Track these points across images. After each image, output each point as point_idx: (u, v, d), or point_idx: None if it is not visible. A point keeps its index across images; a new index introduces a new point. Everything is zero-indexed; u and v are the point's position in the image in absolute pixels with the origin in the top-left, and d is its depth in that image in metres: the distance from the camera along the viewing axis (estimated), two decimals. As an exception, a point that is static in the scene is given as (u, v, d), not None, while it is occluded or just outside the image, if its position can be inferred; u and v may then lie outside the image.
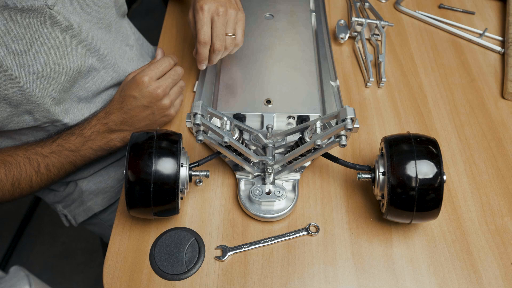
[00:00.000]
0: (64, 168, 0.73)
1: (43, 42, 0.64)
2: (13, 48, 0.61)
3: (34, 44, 0.64)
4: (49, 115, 0.70)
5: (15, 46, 0.62)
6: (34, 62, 0.64)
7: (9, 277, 0.40)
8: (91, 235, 1.54)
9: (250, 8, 0.89)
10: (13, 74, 0.62)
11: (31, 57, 0.64)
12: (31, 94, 0.66)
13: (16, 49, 0.62)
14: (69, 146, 0.70)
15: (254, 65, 0.79)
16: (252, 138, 0.69)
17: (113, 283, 0.60)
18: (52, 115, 0.70)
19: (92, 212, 0.87)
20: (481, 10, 0.98)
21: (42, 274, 1.49)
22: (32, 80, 0.65)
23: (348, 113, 0.56)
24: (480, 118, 0.78)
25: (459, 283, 0.60)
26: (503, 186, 0.70)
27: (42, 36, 0.64)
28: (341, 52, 0.89)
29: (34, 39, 0.63)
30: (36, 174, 0.70)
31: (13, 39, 0.61)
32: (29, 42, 0.63)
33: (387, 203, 0.58)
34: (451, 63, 0.88)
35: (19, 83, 0.64)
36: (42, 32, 0.64)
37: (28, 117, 0.69)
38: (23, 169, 0.69)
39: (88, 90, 0.75)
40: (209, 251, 0.62)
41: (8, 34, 0.61)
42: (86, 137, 0.71)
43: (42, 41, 0.64)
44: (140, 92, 0.69)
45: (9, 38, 0.61)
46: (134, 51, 0.84)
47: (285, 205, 0.65)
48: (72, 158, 0.72)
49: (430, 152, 0.57)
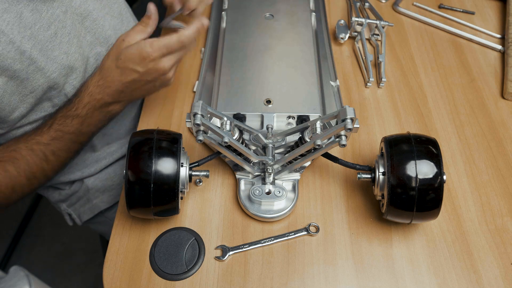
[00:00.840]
0: (72, 149, 0.71)
1: (66, 32, 0.66)
2: (39, 39, 0.63)
3: (58, 35, 0.65)
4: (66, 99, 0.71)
5: (41, 37, 0.63)
6: (59, 53, 0.66)
7: (9, 277, 0.40)
8: (91, 235, 1.54)
9: (250, 8, 0.89)
10: (41, 65, 0.63)
11: (56, 47, 0.65)
12: (55, 83, 0.67)
13: (42, 40, 0.63)
14: (69, 130, 0.68)
15: (254, 65, 0.79)
16: (252, 138, 0.69)
17: (113, 283, 0.59)
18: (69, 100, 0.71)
19: (98, 210, 0.88)
20: (481, 10, 0.98)
21: (42, 274, 1.49)
22: (58, 70, 0.66)
23: (348, 113, 0.56)
24: (480, 118, 0.78)
25: (459, 283, 0.60)
26: (503, 186, 0.70)
27: (66, 27, 0.65)
28: (341, 52, 0.89)
29: (59, 29, 0.65)
30: (46, 162, 0.68)
31: (39, 30, 0.62)
32: (54, 33, 0.64)
33: (387, 203, 0.58)
34: (451, 63, 0.88)
35: (46, 74, 0.65)
36: (65, 23, 0.65)
37: (47, 103, 0.70)
38: (32, 162, 0.67)
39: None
40: (209, 251, 0.62)
41: (34, 26, 0.62)
42: (83, 116, 0.68)
43: (66, 31, 0.66)
44: (145, 67, 0.64)
45: (36, 29, 0.62)
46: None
47: (285, 205, 0.65)
48: (75, 138, 0.70)
49: (430, 152, 0.57)
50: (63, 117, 0.68)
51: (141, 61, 0.64)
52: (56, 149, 0.69)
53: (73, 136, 0.69)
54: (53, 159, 0.69)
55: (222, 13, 0.90)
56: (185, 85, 0.83)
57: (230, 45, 0.83)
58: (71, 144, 0.69)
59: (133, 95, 0.69)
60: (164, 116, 0.78)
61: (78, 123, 0.68)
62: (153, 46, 0.64)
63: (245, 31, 0.85)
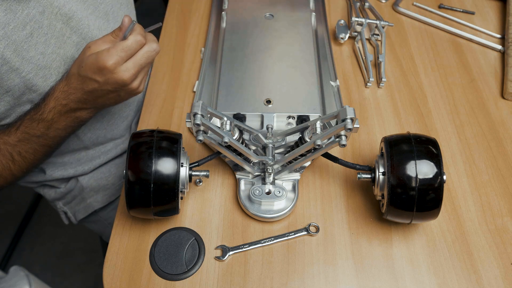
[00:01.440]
0: (40, 151, 0.70)
1: (43, 32, 0.65)
2: (13, 40, 0.61)
3: (34, 35, 0.64)
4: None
5: (16, 38, 0.62)
6: (35, 53, 0.64)
7: (9, 277, 0.40)
8: (91, 235, 1.54)
9: (250, 8, 0.89)
10: (15, 65, 0.63)
11: (32, 48, 0.64)
12: (33, 84, 0.66)
13: (17, 40, 0.62)
14: (35, 133, 0.67)
15: (254, 65, 0.79)
16: (252, 138, 0.69)
17: (113, 283, 0.59)
18: None
19: (92, 209, 0.87)
20: (481, 10, 0.98)
21: (42, 274, 1.49)
22: (34, 71, 0.65)
23: (348, 113, 0.56)
24: (480, 118, 0.78)
25: (459, 283, 0.60)
26: (503, 186, 0.70)
27: (42, 27, 0.64)
28: (341, 52, 0.89)
29: (35, 30, 0.63)
30: (13, 162, 0.68)
31: (13, 30, 0.61)
32: (30, 33, 0.63)
33: (387, 203, 0.58)
34: (451, 63, 0.88)
35: (21, 74, 0.64)
36: (42, 23, 0.64)
37: (30, 106, 0.69)
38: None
39: None
40: (209, 251, 0.62)
41: (8, 26, 0.61)
42: (49, 121, 0.66)
43: (42, 32, 0.64)
44: (103, 77, 0.61)
45: (9, 29, 0.61)
46: None
47: (285, 205, 0.65)
48: (43, 141, 0.69)
49: (430, 152, 0.57)
50: (30, 119, 0.67)
51: (99, 71, 0.61)
52: (23, 150, 0.68)
53: (41, 140, 0.68)
54: (20, 160, 0.69)
55: (222, 13, 0.90)
56: (185, 85, 0.83)
57: (230, 45, 0.83)
58: (38, 147, 0.69)
59: (98, 102, 0.67)
60: (164, 116, 0.78)
61: (44, 127, 0.67)
62: (110, 52, 0.60)
63: (245, 31, 0.85)
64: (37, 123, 0.66)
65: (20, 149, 0.68)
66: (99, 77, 0.61)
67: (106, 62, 0.60)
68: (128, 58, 0.62)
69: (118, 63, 0.61)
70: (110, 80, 0.61)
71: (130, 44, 0.61)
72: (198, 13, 0.97)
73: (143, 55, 0.62)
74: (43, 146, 0.69)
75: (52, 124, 0.67)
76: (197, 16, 0.96)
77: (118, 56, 0.60)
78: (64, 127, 0.68)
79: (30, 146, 0.68)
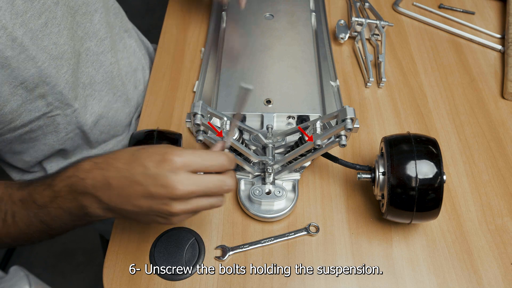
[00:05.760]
0: (35, 226, 0.54)
1: (56, 23, 0.65)
2: (30, 27, 0.62)
3: (49, 25, 0.64)
4: (62, 98, 0.69)
5: (32, 26, 0.62)
6: (49, 43, 0.65)
7: (9, 277, 0.40)
8: (91, 235, 1.54)
9: (250, 8, 0.89)
10: (32, 53, 0.63)
11: (46, 37, 0.64)
12: (47, 75, 0.66)
13: (33, 28, 0.62)
14: (37, 198, 0.53)
15: (254, 65, 0.79)
16: (252, 138, 0.69)
17: (113, 283, 0.60)
18: (65, 98, 0.70)
19: None
20: (481, 10, 0.98)
21: (42, 274, 1.49)
22: (48, 61, 0.65)
23: (348, 113, 0.56)
24: (480, 118, 0.78)
25: (459, 283, 0.60)
26: (503, 186, 0.70)
27: (56, 17, 0.65)
28: (341, 52, 0.89)
29: (49, 19, 0.64)
30: (3, 222, 0.55)
31: (30, 18, 0.62)
32: (44, 23, 0.64)
33: (387, 203, 0.58)
34: (451, 63, 0.88)
35: (37, 63, 0.64)
36: (56, 13, 0.65)
37: (41, 102, 0.69)
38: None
39: (89, 75, 0.74)
40: (209, 251, 0.62)
41: (26, 14, 0.61)
42: (56, 192, 0.52)
43: (56, 22, 0.65)
44: (156, 169, 0.47)
45: (27, 17, 0.61)
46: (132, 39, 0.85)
47: (285, 205, 0.65)
48: (41, 215, 0.53)
49: (430, 152, 0.57)
50: (42, 182, 0.54)
51: (158, 161, 0.48)
52: (18, 215, 0.54)
53: (39, 211, 0.53)
54: (11, 223, 0.55)
55: (222, 13, 0.90)
56: (185, 85, 0.83)
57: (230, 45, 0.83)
58: (34, 218, 0.54)
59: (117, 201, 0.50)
60: (164, 116, 0.78)
61: (48, 196, 0.53)
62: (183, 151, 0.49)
63: (245, 31, 0.85)
64: (44, 187, 0.53)
65: (16, 211, 0.54)
66: (153, 166, 0.48)
67: (174, 156, 0.48)
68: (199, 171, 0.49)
69: (186, 165, 0.48)
70: (160, 176, 0.47)
71: (214, 155, 0.50)
72: (198, 13, 0.97)
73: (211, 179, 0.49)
74: (40, 222, 0.54)
75: (56, 197, 0.52)
76: (197, 16, 0.96)
77: (192, 157, 0.48)
78: (66, 210, 0.52)
79: (26, 213, 0.54)
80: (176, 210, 0.48)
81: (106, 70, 0.77)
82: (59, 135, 0.74)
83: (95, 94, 0.76)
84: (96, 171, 0.50)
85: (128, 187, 0.48)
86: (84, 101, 0.74)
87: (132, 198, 0.49)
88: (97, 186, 0.49)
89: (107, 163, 0.50)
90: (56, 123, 0.73)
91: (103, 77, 0.77)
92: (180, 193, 0.47)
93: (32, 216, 0.54)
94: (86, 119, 0.75)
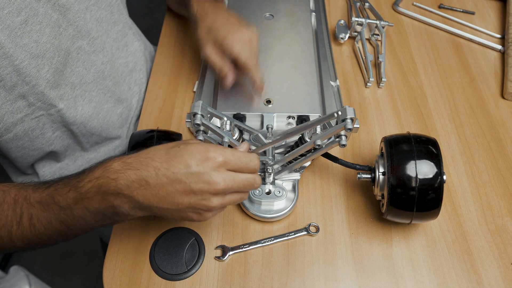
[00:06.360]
0: (54, 228, 0.54)
1: (38, 20, 0.63)
2: (7, 24, 0.60)
3: (29, 22, 0.62)
4: (44, 98, 0.67)
5: (10, 23, 0.60)
6: (29, 41, 0.63)
7: (9, 277, 0.40)
8: (91, 235, 1.53)
9: (250, 8, 0.89)
10: (8, 51, 0.61)
11: (26, 35, 0.62)
12: (26, 74, 0.64)
13: (11, 25, 0.60)
14: (59, 200, 0.52)
15: (254, 65, 0.79)
16: (252, 138, 0.69)
17: (113, 283, 0.60)
18: (47, 98, 0.67)
19: None
20: (481, 10, 0.98)
21: (42, 274, 1.49)
22: (27, 60, 0.63)
23: (348, 113, 0.56)
24: (480, 118, 0.78)
25: (459, 283, 0.60)
26: (503, 186, 0.70)
27: (37, 15, 0.63)
28: (341, 52, 0.89)
29: (30, 17, 0.62)
30: (18, 225, 0.54)
31: (8, 15, 0.60)
32: (24, 20, 0.62)
33: (387, 203, 0.58)
34: (451, 63, 0.88)
35: (14, 62, 0.62)
36: (38, 11, 0.63)
37: (22, 103, 0.66)
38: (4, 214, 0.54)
39: (79, 75, 0.72)
40: (209, 251, 0.62)
41: (3, 10, 0.59)
42: (82, 194, 0.51)
43: (37, 20, 0.63)
44: (199, 167, 0.49)
45: (4, 14, 0.59)
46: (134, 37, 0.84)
47: (285, 205, 0.65)
48: (63, 217, 0.53)
49: (430, 152, 0.57)
50: (65, 183, 0.54)
51: (200, 159, 0.50)
52: (36, 216, 0.54)
53: (61, 212, 0.53)
54: (26, 226, 0.54)
55: (222, 13, 0.90)
56: (185, 85, 0.83)
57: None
58: (54, 219, 0.54)
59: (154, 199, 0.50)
60: (164, 116, 0.78)
61: (73, 198, 0.52)
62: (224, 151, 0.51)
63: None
64: (68, 189, 0.53)
65: (34, 213, 0.54)
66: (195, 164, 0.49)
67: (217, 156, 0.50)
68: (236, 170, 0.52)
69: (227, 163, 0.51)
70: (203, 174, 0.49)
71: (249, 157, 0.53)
72: (198, 13, 0.97)
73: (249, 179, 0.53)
74: (60, 223, 0.54)
75: (83, 199, 0.52)
76: (197, 16, 0.96)
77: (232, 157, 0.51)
78: (94, 212, 0.52)
79: (46, 215, 0.53)
80: (214, 204, 0.51)
81: (98, 70, 0.75)
82: (46, 135, 0.73)
83: (85, 95, 0.74)
84: (130, 171, 0.50)
85: (168, 185, 0.49)
86: (74, 101, 0.72)
87: (171, 196, 0.50)
88: (132, 186, 0.50)
89: (141, 162, 0.50)
90: (41, 124, 0.71)
91: (94, 77, 0.75)
92: (222, 189, 0.50)
93: (52, 218, 0.54)
94: (75, 119, 0.73)
